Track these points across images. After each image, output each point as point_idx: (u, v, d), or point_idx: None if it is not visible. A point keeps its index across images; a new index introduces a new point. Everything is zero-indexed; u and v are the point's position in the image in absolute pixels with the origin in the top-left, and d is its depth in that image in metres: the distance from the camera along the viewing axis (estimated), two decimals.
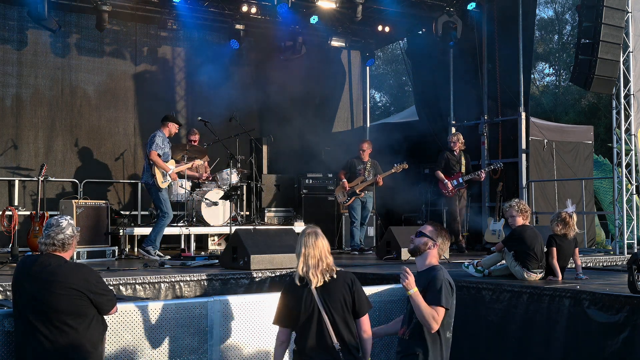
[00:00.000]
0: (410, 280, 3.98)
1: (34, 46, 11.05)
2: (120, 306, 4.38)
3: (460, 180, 10.12)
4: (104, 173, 11.52)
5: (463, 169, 10.22)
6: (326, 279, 3.94)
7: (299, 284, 3.97)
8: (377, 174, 10.16)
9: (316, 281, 3.92)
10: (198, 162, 9.81)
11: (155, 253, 8.66)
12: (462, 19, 11.97)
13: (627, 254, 9.39)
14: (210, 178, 10.63)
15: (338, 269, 4.04)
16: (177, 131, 9.10)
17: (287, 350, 4.22)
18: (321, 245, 3.98)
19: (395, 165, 10.13)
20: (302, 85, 13.26)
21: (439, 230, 4.20)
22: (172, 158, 9.20)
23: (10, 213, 9.11)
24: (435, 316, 3.91)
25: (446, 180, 10.09)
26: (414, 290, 3.95)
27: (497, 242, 7.82)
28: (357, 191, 10.14)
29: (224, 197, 9.73)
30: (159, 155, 8.75)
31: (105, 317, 4.15)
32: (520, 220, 6.49)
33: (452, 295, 3.99)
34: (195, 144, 10.70)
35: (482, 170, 10.24)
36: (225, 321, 5.11)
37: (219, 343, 5.07)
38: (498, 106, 11.91)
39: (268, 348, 5.29)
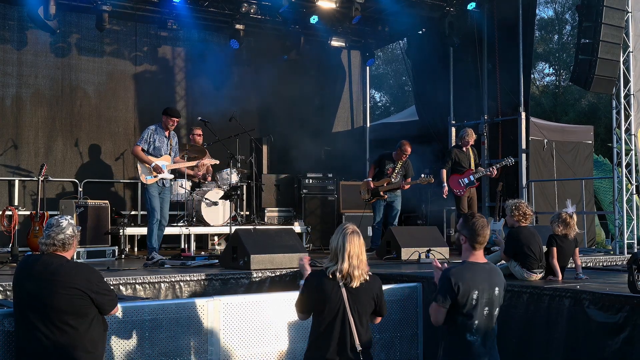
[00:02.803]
0: (436, 276, 4.08)
1: (34, 46, 11.05)
2: (120, 306, 4.38)
3: (472, 178, 9.65)
4: (104, 173, 11.52)
5: (472, 166, 9.77)
6: (362, 281, 3.94)
7: (331, 278, 3.93)
8: (407, 177, 9.89)
9: (355, 282, 3.91)
10: (205, 162, 9.36)
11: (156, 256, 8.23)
12: (462, 19, 11.98)
13: (627, 253, 9.38)
14: (210, 179, 10.63)
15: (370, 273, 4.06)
16: (173, 123, 8.44)
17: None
18: (363, 245, 4.00)
19: (423, 175, 9.80)
20: (302, 85, 13.27)
21: (465, 221, 4.07)
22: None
23: (10, 213, 9.11)
24: (430, 311, 3.94)
25: (444, 184, 9.64)
26: None
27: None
28: (381, 193, 9.89)
29: (224, 197, 9.72)
30: (143, 149, 8.35)
31: (105, 317, 4.16)
32: (513, 221, 6.48)
33: (450, 293, 3.84)
34: (200, 138, 10.73)
35: (494, 167, 9.81)
36: (225, 321, 5.11)
37: (219, 343, 5.07)
38: (498, 106, 11.91)
39: (268, 348, 5.30)
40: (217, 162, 9.68)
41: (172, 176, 8.70)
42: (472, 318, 3.89)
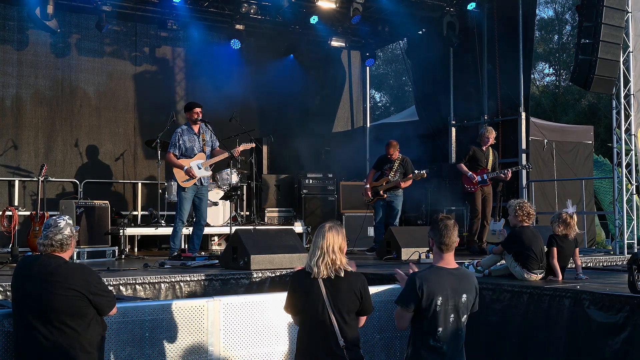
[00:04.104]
0: (400, 280, 4.09)
1: (34, 46, 11.05)
2: (120, 306, 4.38)
3: (485, 177, 9.51)
4: (104, 173, 11.52)
5: (489, 166, 9.64)
6: (331, 275, 3.93)
7: (310, 275, 3.96)
8: (406, 174, 9.91)
9: (319, 273, 3.92)
10: (241, 148, 8.91)
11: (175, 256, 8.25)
12: (462, 19, 11.98)
13: (627, 254, 9.37)
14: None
15: (350, 269, 4.04)
16: (198, 114, 8.52)
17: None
18: (337, 239, 3.99)
19: (415, 172, 9.83)
20: (302, 85, 13.27)
21: (433, 223, 4.02)
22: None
23: (10, 213, 9.11)
24: (395, 315, 3.93)
25: (470, 173, 9.44)
26: None
27: (497, 241, 7.80)
28: (381, 192, 9.91)
29: (224, 197, 9.71)
30: (175, 154, 8.39)
31: (104, 317, 4.15)
32: (517, 221, 6.48)
33: (414, 297, 3.80)
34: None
35: (509, 170, 9.64)
36: (225, 321, 5.11)
37: (219, 343, 5.07)
38: (498, 106, 11.90)
39: (268, 348, 5.29)
40: (253, 145, 9.50)
41: (209, 173, 8.68)
42: (436, 324, 3.83)
